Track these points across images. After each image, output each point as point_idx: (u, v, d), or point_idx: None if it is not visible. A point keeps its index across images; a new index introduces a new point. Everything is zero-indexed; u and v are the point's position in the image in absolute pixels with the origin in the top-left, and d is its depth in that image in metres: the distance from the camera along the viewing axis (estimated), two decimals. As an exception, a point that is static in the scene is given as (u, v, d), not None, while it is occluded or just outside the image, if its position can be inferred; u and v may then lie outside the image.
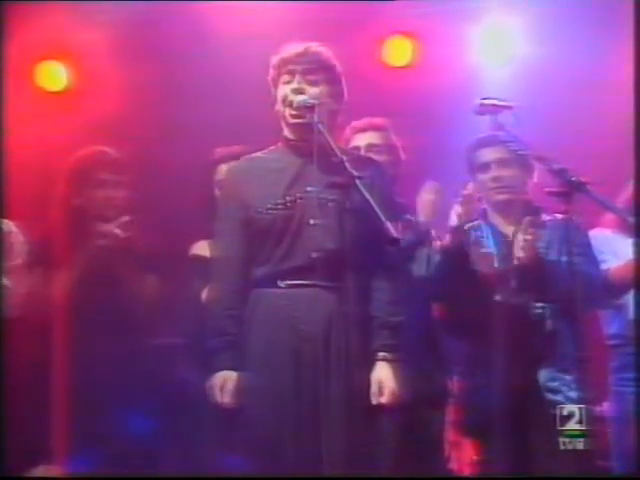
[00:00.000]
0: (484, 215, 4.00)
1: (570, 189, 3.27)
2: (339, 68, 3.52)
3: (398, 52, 5.71)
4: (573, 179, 3.27)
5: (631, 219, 3.70)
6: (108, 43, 5.24)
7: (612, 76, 5.18)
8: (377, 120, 4.09)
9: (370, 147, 3.99)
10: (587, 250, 3.81)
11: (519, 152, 3.69)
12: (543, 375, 3.73)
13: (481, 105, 3.49)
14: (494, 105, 3.48)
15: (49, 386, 3.99)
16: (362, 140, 4.02)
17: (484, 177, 3.94)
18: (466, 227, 3.96)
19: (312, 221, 3.38)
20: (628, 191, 4.18)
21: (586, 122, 5.05)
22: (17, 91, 4.93)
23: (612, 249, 4.11)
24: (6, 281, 3.84)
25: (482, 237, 3.92)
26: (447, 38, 5.51)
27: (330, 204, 3.37)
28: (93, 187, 4.21)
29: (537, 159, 3.63)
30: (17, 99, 4.82)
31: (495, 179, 3.92)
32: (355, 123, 4.02)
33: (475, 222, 3.99)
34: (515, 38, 5.52)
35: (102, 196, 4.21)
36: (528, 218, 3.79)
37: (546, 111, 4.52)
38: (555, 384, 3.71)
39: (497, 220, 3.97)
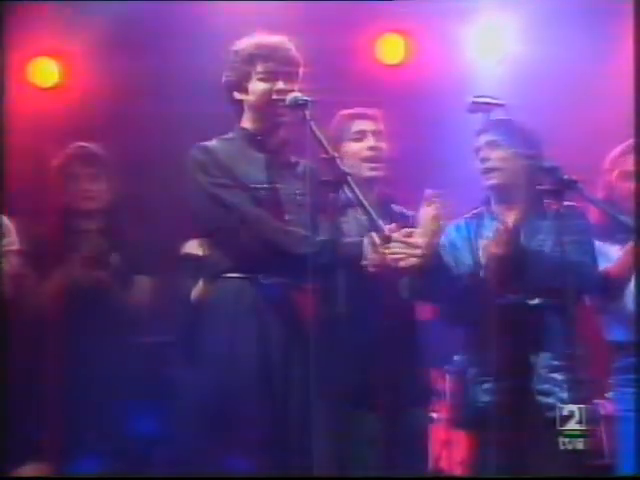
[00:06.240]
0: (487, 202, 3.94)
1: (562, 187, 3.26)
2: (302, 63, 3.51)
3: (391, 50, 5.72)
4: (565, 177, 3.27)
5: (622, 218, 3.69)
6: (99, 41, 5.24)
7: (605, 74, 5.20)
8: (369, 110, 4.00)
9: (374, 133, 3.90)
10: (583, 238, 3.74)
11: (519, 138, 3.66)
12: (535, 378, 3.70)
13: (474, 103, 3.48)
14: (487, 103, 3.47)
15: (41, 384, 4.01)
16: (366, 125, 3.92)
17: (477, 160, 3.88)
18: (468, 215, 3.91)
19: (287, 217, 3.37)
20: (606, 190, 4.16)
21: (579, 120, 5.06)
22: (10, 88, 4.95)
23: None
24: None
25: (482, 225, 3.86)
26: (440, 36, 5.52)
27: (304, 200, 3.34)
28: (70, 181, 4.24)
29: (529, 157, 3.62)
30: (10, 96, 4.85)
31: (483, 160, 3.84)
32: (346, 111, 3.94)
33: (477, 209, 3.95)
34: (508, 36, 5.54)
35: (79, 189, 4.23)
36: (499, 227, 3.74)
37: (539, 109, 4.51)
38: (547, 386, 3.68)
39: (497, 207, 3.90)
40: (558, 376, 3.64)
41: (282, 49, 3.46)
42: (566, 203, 3.41)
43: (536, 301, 3.70)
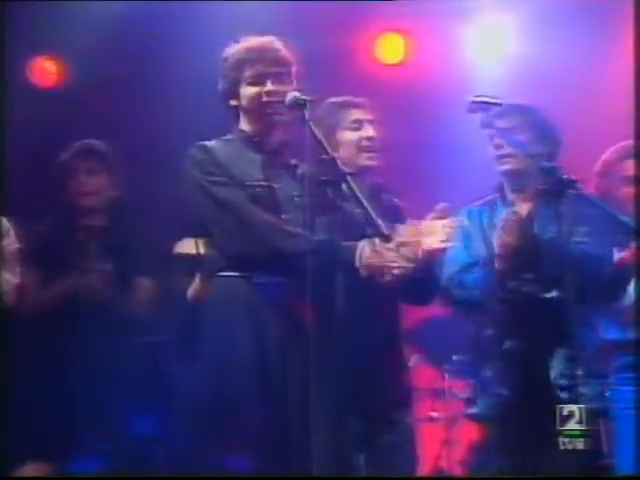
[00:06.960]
0: (500, 189, 3.91)
1: (561, 187, 3.25)
2: (294, 62, 3.49)
3: (391, 49, 5.73)
4: (564, 177, 3.26)
5: (622, 218, 3.68)
6: (99, 41, 5.25)
7: (605, 74, 5.20)
8: (358, 98, 3.98)
9: (369, 122, 3.88)
10: (597, 228, 3.66)
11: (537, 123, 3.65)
12: (553, 372, 3.67)
13: (473, 102, 3.47)
14: (486, 103, 3.47)
15: (41, 384, 4.01)
16: (361, 114, 3.89)
17: (490, 146, 3.81)
18: (481, 202, 3.88)
19: (284, 216, 3.38)
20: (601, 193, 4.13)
21: (579, 120, 5.06)
22: (10, 88, 4.97)
23: None
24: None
25: (495, 213, 3.80)
26: (440, 36, 5.53)
27: (302, 202, 3.33)
28: (71, 178, 4.27)
29: (528, 156, 3.61)
30: (10, 96, 4.86)
31: (498, 146, 3.77)
32: (336, 99, 3.92)
33: (490, 197, 3.89)
34: (507, 36, 5.55)
35: (79, 185, 4.25)
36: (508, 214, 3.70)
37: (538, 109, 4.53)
38: (564, 381, 3.63)
39: (511, 195, 3.86)
40: (576, 371, 3.59)
41: (270, 50, 3.44)
42: (580, 192, 3.37)
43: (553, 293, 3.67)
